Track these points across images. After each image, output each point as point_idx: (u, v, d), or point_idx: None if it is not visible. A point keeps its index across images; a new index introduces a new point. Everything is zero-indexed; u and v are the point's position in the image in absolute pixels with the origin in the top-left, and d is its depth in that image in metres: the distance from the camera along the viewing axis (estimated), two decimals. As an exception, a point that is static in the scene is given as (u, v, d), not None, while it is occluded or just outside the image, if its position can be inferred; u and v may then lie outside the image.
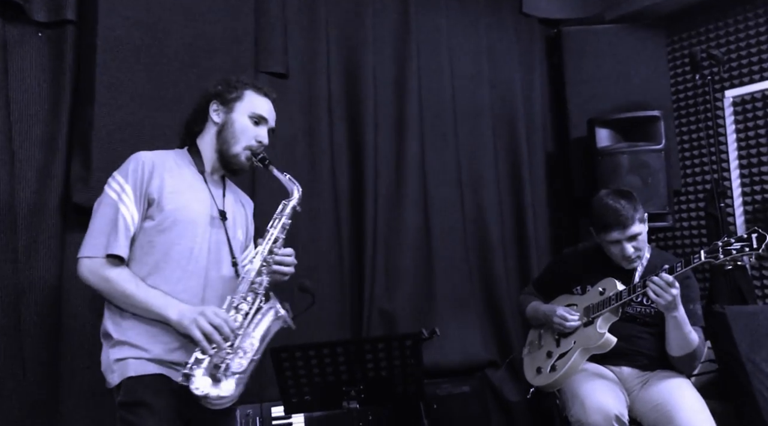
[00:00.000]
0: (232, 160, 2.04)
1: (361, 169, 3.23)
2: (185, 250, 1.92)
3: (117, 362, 1.84)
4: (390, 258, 3.25)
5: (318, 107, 3.12)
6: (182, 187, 1.96)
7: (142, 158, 1.94)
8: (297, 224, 2.96)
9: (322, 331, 2.94)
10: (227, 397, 1.83)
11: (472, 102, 3.67)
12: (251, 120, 2.06)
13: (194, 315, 1.82)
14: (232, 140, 2.03)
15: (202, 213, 1.97)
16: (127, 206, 1.88)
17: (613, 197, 2.58)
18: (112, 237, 1.85)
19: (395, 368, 2.13)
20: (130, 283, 1.85)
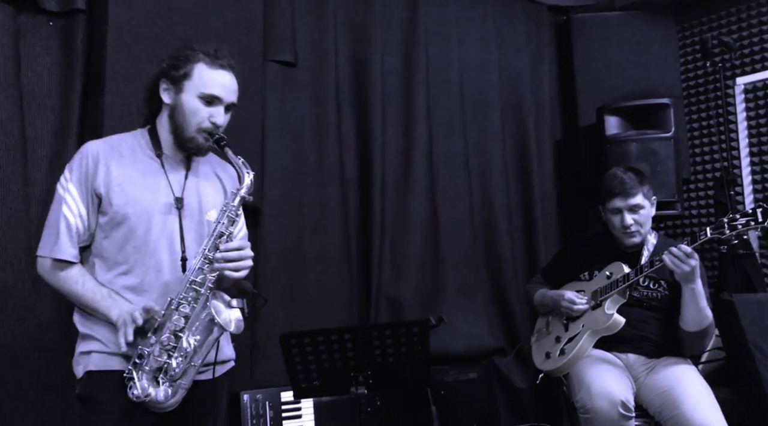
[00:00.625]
0: (188, 145, 1.88)
1: (368, 158, 3.24)
2: (141, 245, 1.81)
3: (82, 355, 1.82)
4: (397, 246, 3.26)
5: (326, 96, 3.12)
6: (133, 176, 1.83)
7: (87, 151, 1.84)
8: (304, 213, 3.03)
9: (331, 318, 2.96)
10: (165, 403, 1.75)
11: (480, 90, 3.66)
12: (202, 100, 1.86)
13: (126, 317, 1.72)
14: (184, 124, 1.86)
15: (156, 202, 1.84)
16: (69, 206, 1.80)
17: (622, 170, 2.64)
18: (54, 239, 1.79)
19: (402, 355, 2.14)
20: (77, 283, 1.80)
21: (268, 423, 2.66)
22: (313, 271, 3.01)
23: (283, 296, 2.92)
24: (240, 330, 1.84)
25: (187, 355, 1.75)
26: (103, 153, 1.84)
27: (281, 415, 2.69)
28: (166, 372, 1.74)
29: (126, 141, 1.91)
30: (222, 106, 1.89)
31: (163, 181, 1.87)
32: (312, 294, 3.00)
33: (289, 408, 2.72)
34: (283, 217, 2.96)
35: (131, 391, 1.71)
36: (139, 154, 1.89)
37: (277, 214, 2.94)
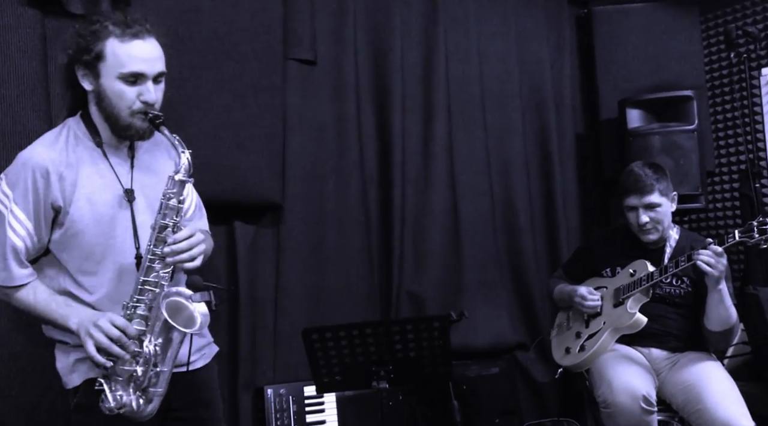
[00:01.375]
0: (128, 132, 1.69)
1: (389, 154, 3.24)
2: (105, 249, 1.67)
3: (77, 363, 1.69)
4: (418, 241, 3.26)
5: (346, 93, 3.13)
6: (83, 178, 1.67)
7: (32, 164, 1.63)
8: (326, 208, 3.05)
9: (352, 314, 2.98)
10: (140, 413, 1.63)
11: (501, 85, 3.64)
12: (124, 81, 1.64)
13: (88, 326, 1.59)
14: (115, 110, 1.66)
15: (109, 200, 1.69)
16: (14, 227, 1.64)
17: (641, 166, 2.60)
18: (2, 265, 1.65)
19: (424, 349, 2.16)
20: (29, 297, 1.67)
21: (291, 417, 2.69)
22: (334, 267, 3.03)
23: (304, 292, 2.94)
24: (205, 325, 1.68)
25: (148, 361, 1.61)
26: (51, 162, 1.65)
27: (304, 410, 2.72)
28: (135, 381, 1.62)
29: (62, 137, 1.71)
30: (149, 80, 1.66)
31: (110, 174, 1.70)
32: (333, 289, 3.02)
33: (312, 402, 2.75)
34: (305, 213, 2.99)
35: (103, 405, 1.59)
36: (80, 147, 1.70)
37: (299, 211, 2.97)
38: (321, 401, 2.76)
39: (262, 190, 2.77)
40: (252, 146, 2.74)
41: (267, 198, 2.81)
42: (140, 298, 1.64)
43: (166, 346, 1.62)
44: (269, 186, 2.81)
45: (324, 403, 2.77)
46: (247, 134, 2.73)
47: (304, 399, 2.73)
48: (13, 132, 2.32)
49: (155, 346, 1.61)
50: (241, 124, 2.72)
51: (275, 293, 2.87)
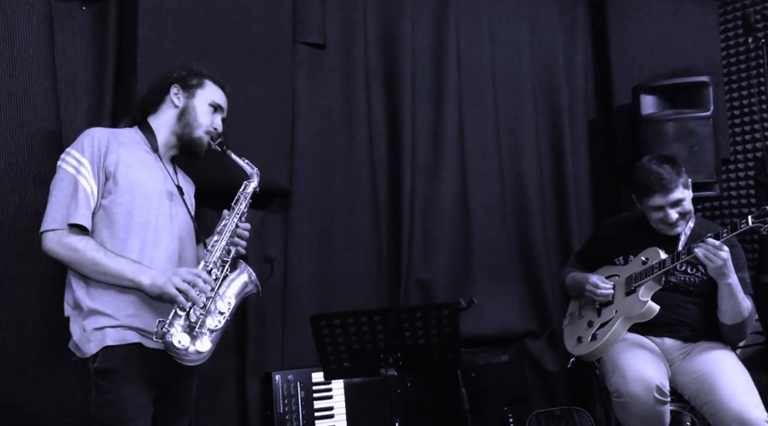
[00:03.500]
0: (193, 144, 2.15)
1: (398, 139, 3.22)
2: (144, 222, 1.97)
3: (95, 331, 1.87)
4: (427, 228, 3.24)
5: (355, 77, 3.11)
6: (136, 163, 2.01)
7: (96, 133, 1.99)
8: (334, 194, 3.04)
9: (361, 300, 2.98)
10: (203, 353, 1.89)
11: (513, 70, 3.60)
12: (211, 107, 2.17)
13: (168, 274, 1.89)
14: (194, 124, 2.14)
15: (157, 188, 2.04)
16: (86, 178, 1.91)
17: (657, 162, 2.53)
18: (72, 208, 1.88)
19: (432, 337, 2.15)
20: (99, 251, 1.88)
21: (299, 403, 2.69)
22: (342, 254, 3.02)
23: (313, 278, 2.94)
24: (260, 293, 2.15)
25: (222, 312, 1.95)
26: (111, 137, 2.00)
27: (312, 396, 2.72)
28: (204, 325, 1.89)
29: (123, 133, 2.09)
30: (221, 115, 2.22)
31: (162, 172, 2.09)
32: (342, 276, 3.01)
33: (320, 388, 2.74)
34: (313, 199, 2.98)
35: (175, 339, 1.81)
36: (136, 146, 2.08)
37: (307, 197, 2.96)
38: (329, 387, 2.76)
39: (270, 175, 2.72)
40: (260, 131, 2.72)
41: (275, 183, 2.79)
42: (216, 262, 2.00)
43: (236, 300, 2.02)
44: (277, 171, 2.79)
45: (332, 389, 2.76)
46: (256, 119, 2.71)
47: (312, 385, 2.72)
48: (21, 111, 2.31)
49: (228, 300, 1.98)
50: (249, 109, 2.69)
51: (284, 279, 2.86)
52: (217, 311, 1.95)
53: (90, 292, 1.89)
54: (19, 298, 2.25)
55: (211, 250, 2.02)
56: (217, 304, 1.96)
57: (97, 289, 1.88)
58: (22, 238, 2.24)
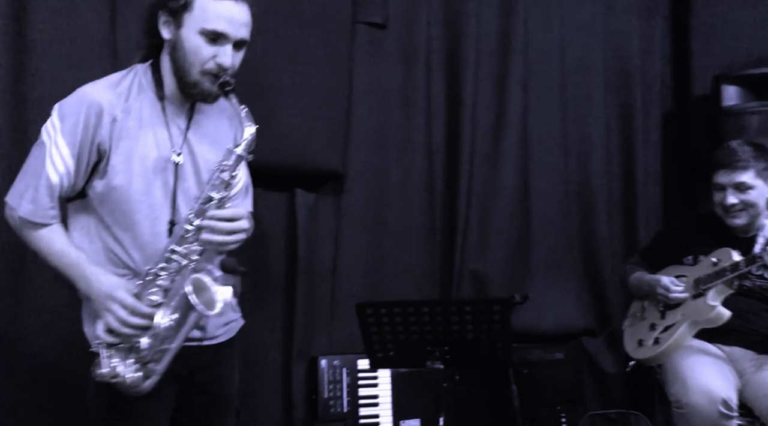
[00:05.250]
0: (193, 90, 1.62)
1: (458, 125, 3.12)
2: (143, 209, 1.61)
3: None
4: (484, 218, 3.15)
5: (415, 59, 3.03)
6: (137, 128, 1.60)
7: (88, 100, 1.57)
8: (389, 179, 2.98)
9: (411, 290, 2.93)
10: (135, 388, 1.54)
11: (584, 55, 3.44)
12: (204, 37, 1.58)
13: (103, 301, 1.52)
14: (186, 64, 1.60)
15: (155, 157, 1.61)
16: (54, 161, 1.56)
17: (741, 142, 2.40)
18: (29, 195, 1.57)
19: (482, 332, 2.08)
20: (47, 242, 1.59)
21: (344, 389, 2.67)
22: (394, 241, 2.97)
23: (363, 264, 2.90)
24: (225, 312, 1.62)
25: (158, 336, 1.52)
26: (108, 103, 1.58)
27: (357, 383, 2.69)
28: (138, 352, 1.53)
29: (126, 81, 1.64)
30: (229, 43, 1.60)
31: (163, 132, 1.64)
32: (393, 264, 2.96)
33: (366, 376, 2.71)
34: (367, 184, 2.93)
35: (96, 369, 1.52)
36: (142, 97, 1.64)
37: (361, 181, 2.91)
38: (375, 375, 2.72)
39: (324, 158, 2.72)
40: (315, 112, 2.68)
41: (328, 166, 2.76)
42: (165, 267, 1.54)
43: (180, 323, 1.53)
44: (331, 154, 2.75)
45: (378, 377, 2.73)
46: (311, 100, 2.67)
47: (358, 372, 2.70)
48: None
49: (169, 322, 1.52)
50: (305, 89, 2.65)
51: (333, 264, 2.84)
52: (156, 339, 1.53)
53: None
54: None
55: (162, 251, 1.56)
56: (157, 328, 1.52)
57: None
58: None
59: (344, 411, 2.65)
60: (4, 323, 2.19)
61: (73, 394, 2.20)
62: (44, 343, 2.22)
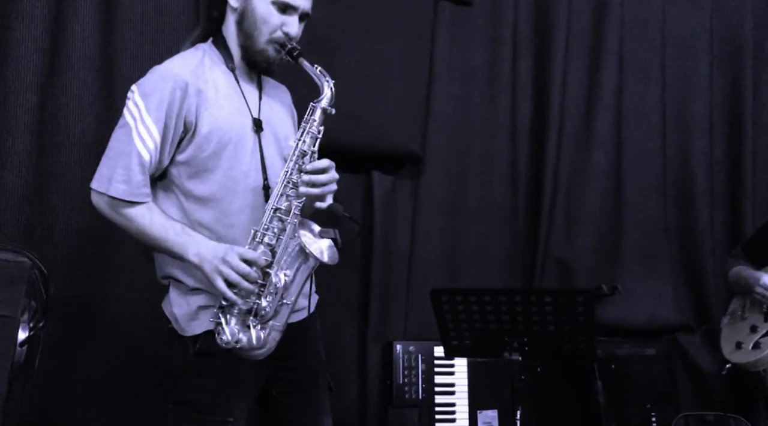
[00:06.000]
0: (258, 58, 1.68)
1: (545, 105, 2.99)
2: (223, 175, 1.62)
3: (201, 310, 1.63)
4: (571, 203, 3.02)
5: (502, 37, 2.92)
6: (218, 99, 1.64)
7: (170, 74, 1.60)
8: (469, 162, 2.89)
9: (491, 277, 2.85)
10: (258, 348, 1.58)
11: (687, 28, 3.23)
12: (275, 7, 1.64)
13: (215, 262, 1.53)
14: (255, 32, 1.65)
15: (238, 126, 1.65)
16: (143, 137, 1.57)
17: None
18: (119, 174, 1.57)
19: (564, 324, 1.98)
20: (143, 217, 1.59)
21: (419, 376, 2.63)
22: (475, 226, 2.89)
23: (441, 249, 2.84)
24: (334, 261, 1.65)
25: (277, 291, 1.57)
26: (191, 75, 1.62)
27: (433, 370, 2.64)
28: (257, 313, 1.56)
29: (198, 55, 1.69)
30: (297, 14, 1.68)
31: (240, 100, 1.68)
32: (472, 249, 2.88)
33: (442, 363, 2.66)
34: (446, 166, 2.86)
35: (219, 337, 1.54)
36: (216, 70, 1.68)
37: (440, 164, 2.84)
38: (451, 363, 2.67)
39: (403, 139, 2.67)
40: (394, 93, 2.63)
41: (407, 148, 2.71)
42: (269, 226, 1.59)
43: (293, 277, 1.59)
44: (410, 136, 2.70)
45: (454, 365, 2.67)
46: (391, 80, 2.62)
47: (434, 359, 2.65)
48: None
49: (284, 276, 1.57)
50: (385, 69, 2.61)
51: (411, 248, 2.79)
52: (272, 295, 1.57)
53: (185, 267, 1.62)
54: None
55: (266, 209, 1.60)
56: (272, 281, 1.57)
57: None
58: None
59: (419, 397, 2.61)
60: (90, 303, 2.29)
61: (155, 369, 2.26)
62: (126, 321, 2.31)
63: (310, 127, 1.64)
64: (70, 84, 2.24)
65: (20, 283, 1.54)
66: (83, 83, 2.26)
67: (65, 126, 2.24)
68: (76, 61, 2.24)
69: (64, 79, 2.24)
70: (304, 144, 1.63)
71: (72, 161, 2.25)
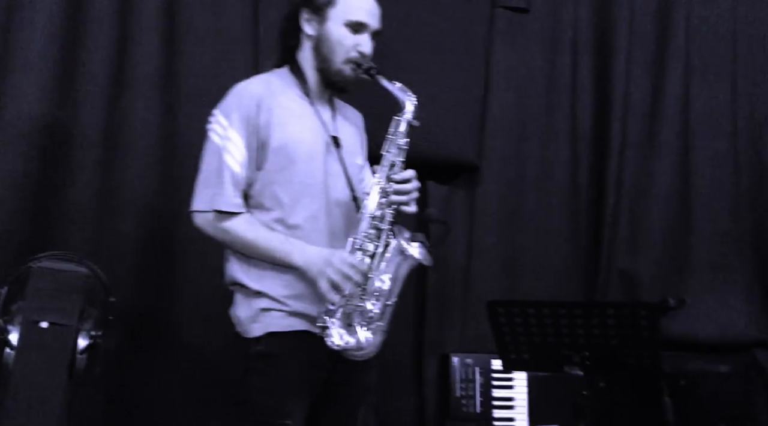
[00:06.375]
0: (335, 78, 1.80)
1: (607, 111, 2.91)
2: (306, 187, 1.73)
3: (262, 313, 1.71)
4: (636, 213, 2.91)
5: (560, 42, 2.87)
6: (290, 116, 1.76)
7: (246, 91, 1.74)
8: (528, 171, 2.84)
9: (551, 289, 2.78)
10: (366, 347, 1.68)
11: (761, 30, 3.08)
12: (349, 29, 1.77)
13: (320, 265, 1.65)
14: (332, 55, 1.78)
15: (316, 142, 1.77)
16: (231, 153, 1.70)
17: None
18: (218, 190, 1.69)
19: (627, 339, 1.91)
20: (248, 231, 1.70)
21: (477, 389, 2.58)
22: (533, 236, 2.83)
23: (498, 260, 2.79)
24: (429, 262, 1.76)
25: (382, 294, 1.69)
26: (264, 93, 1.75)
27: (491, 384, 2.59)
28: (362, 315, 1.67)
29: (273, 80, 1.82)
30: (368, 33, 1.80)
31: (317, 121, 1.80)
32: (531, 260, 2.82)
33: (501, 377, 2.60)
34: (504, 175, 2.82)
35: (329, 340, 1.64)
36: (290, 93, 1.81)
37: (497, 172, 2.80)
38: (510, 377, 2.60)
39: (458, 148, 2.64)
40: (449, 101, 2.61)
41: (463, 158, 2.68)
42: (368, 233, 1.70)
43: (394, 279, 1.71)
44: (465, 145, 2.67)
45: (513, 379, 2.61)
46: (445, 88, 2.60)
47: (492, 372, 2.59)
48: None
49: (387, 279, 1.70)
50: (439, 77, 2.59)
51: (467, 259, 2.76)
52: (374, 297, 1.69)
53: (250, 272, 1.73)
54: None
55: (360, 218, 1.71)
56: (374, 289, 1.69)
57: (258, 269, 1.73)
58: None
59: (477, 411, 2.56)
60: (154, 313, 2.37)
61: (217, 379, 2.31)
62: (189, 332, 2.38)
63: (396, 140, 1.76)
64: (135, 100, 2.35)
65: (76, 293, 1.61)
66: (147, 99, 2.37)
67: (131, 140, 2.35)
68: (141, 78, 2.35)
69: (129, 95, 2.35)
70: (391, 155, 1.75)
71: (136, 175, 2.35)
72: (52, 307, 1.55)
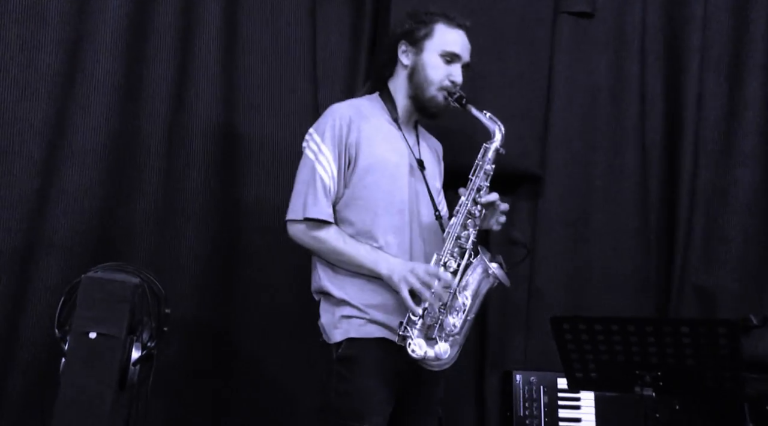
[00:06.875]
0: (428, 104, 1.95)
1: (679, 121, 2.78)
2: (389, 205, 1.86)
3: (342, 319, 1.82)
4: (712, 225, 2.77)
5: (628, 46, 2.76)
6: (378, 138, 1.90)
7: (338, 112, 1.90)
8: (594, 181, 2.74)
9: (620, 304, 2.65)
10: (444, 359, 1.76)
11: None
12: (443, 59, 1.94)
13: (404, 272, 1.76)
14: (425, 84, 1.94)
15: (401, 164, 1.91)
16: (324, 167, 1.84)
17: None
18: (310, 200, 1.82)
19: (704, 358, 1.79)
20: (338, 240, 1.83)
21: (542, 408, 2.48)
22: (601, 249, 2.71)
23: (563, 274, 2.68)
24: (507, 282, 1.84)
25: (462, 310, 1.78)
26: (354, 115, 1.89)
27: (557, 403, 2.48)
28: (442, 328, 1.76)
29: (363, 104, 1.98)
30: (460, 64, 1.96)
31: (404, 144, 1.95)
32: (599, 274, 2.70)
33: (567, 396, 2.49)
34: (569, 186, 2.72)
35: (410, 348, 1.72)
36: (379, 117, 1.96)
37: (562, 183, 2.71)
38: (577, 397, 2.49)
39: (520, 158, 2.55)
40: (511, 110, 2.51)
41: (525, 167, 2.61)
42: (452, 251, 1.82)
43: (475, 296, 1.81)
44: (528, 154, 2.59)
45: (580, 399, 2.49)
46: (507, 96, 2.54)
47: (557, 391, 2.48)
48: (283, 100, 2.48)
49: (469, 295, 1.79)
50: (501, 85, 2.53)
51: (530, 272, 2.67)
52: (455, 311, 1.79)
53: (335, 280, 1.86)
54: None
55: (446, 237, 1.84)
56: (456, 303, 1.79)
57: (343, 278, 1.85)
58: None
59: (542, 432, 2.46)
60: (213, 326, 2.40)
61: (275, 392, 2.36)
62: (247, 346, 2.40)
63: (484, 166, 1.89)
64: (197, 111, 2.40)
65: (124, 303, 1.63)
66: (210, 110, 2.42)
67: (192, 152, 2.39)
68: (201, 90, 2.41)
69: (191, 109, 2.40)
70: (479, 179, 1.88)
71: (197, 187, 2.39)
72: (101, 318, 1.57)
